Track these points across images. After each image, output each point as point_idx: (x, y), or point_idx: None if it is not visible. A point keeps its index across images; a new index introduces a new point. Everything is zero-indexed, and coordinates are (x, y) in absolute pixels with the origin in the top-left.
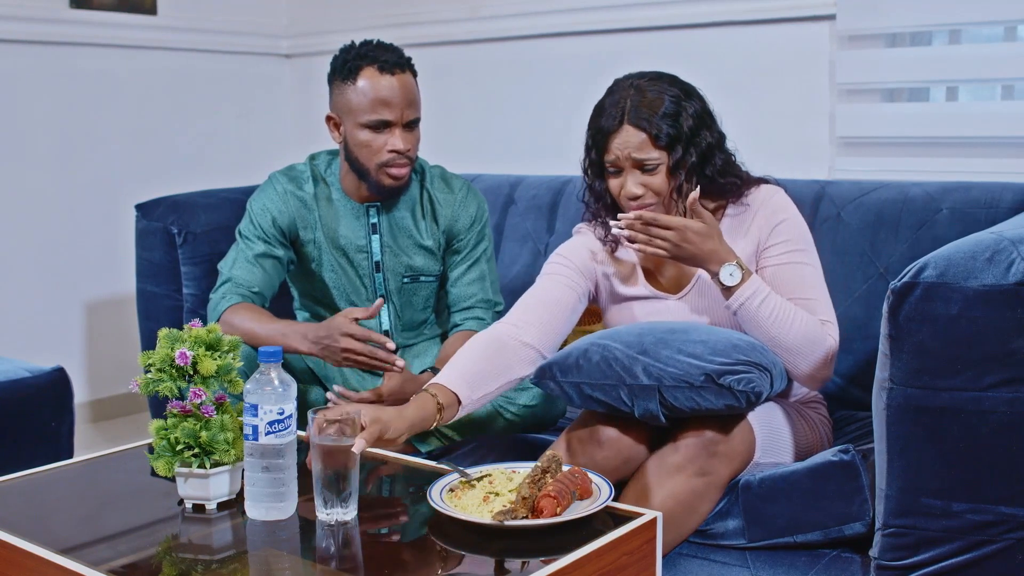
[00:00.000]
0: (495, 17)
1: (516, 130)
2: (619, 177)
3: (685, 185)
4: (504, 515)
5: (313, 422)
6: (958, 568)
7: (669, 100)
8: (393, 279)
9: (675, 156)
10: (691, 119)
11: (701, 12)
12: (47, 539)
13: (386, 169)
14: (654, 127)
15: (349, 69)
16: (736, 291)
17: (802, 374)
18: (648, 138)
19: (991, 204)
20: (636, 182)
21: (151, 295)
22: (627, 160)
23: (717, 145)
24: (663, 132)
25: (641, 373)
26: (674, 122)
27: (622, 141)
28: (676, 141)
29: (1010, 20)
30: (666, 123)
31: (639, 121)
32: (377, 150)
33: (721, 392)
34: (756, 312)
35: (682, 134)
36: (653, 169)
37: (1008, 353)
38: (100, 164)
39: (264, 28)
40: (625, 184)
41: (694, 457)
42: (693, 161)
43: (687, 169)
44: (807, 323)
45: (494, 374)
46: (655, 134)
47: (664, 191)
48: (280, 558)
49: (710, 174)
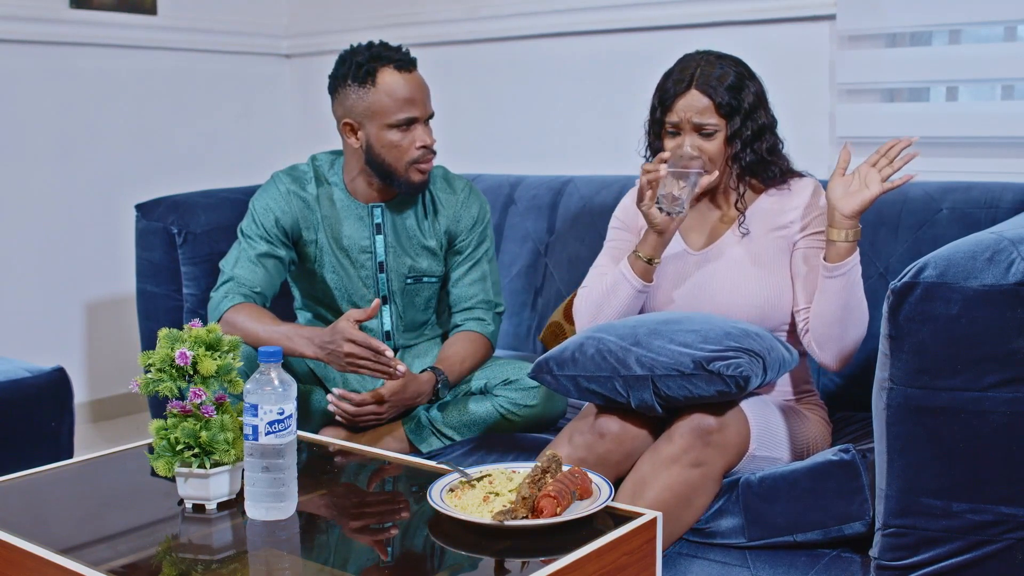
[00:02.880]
0: (495, 17)
1: (516, 130)
2: (678, 138)
3: (739, 154)
4: (504, 515)
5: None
6: (958, 568)
7: (735, 75)
8: (396, 279)
9: (733, 126)
10: (752, 96)
11: (701, 12)
12: (47, 539)
13: (417, 165)
14: (719, 95)
15: (365, 72)
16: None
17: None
18: (712, 104)
19: (991, 204)
20: (693, 144)
21: (151, 295)
22: (688, 123)
23: (769, 127)
24: (725, 101)
25: (634, 364)
26: (737, 95)
27: (687, 103)
28: (735, 112)
29: (1010, 20)
30: (730, 94)
31: (705, 87)
32: (407, 148)
33: (711, 378)
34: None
35: (742, 107)
36: (711, 134)
37: (1008, 353)
38: (100, 164)
39: (264, 28)
40: (683, 144)
41: (689, 447)
42: (748, 135)
43: (742, 140)
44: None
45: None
46: (718, 102)
47: (718, 158)
48: (280, 558)
49: (759, 151)
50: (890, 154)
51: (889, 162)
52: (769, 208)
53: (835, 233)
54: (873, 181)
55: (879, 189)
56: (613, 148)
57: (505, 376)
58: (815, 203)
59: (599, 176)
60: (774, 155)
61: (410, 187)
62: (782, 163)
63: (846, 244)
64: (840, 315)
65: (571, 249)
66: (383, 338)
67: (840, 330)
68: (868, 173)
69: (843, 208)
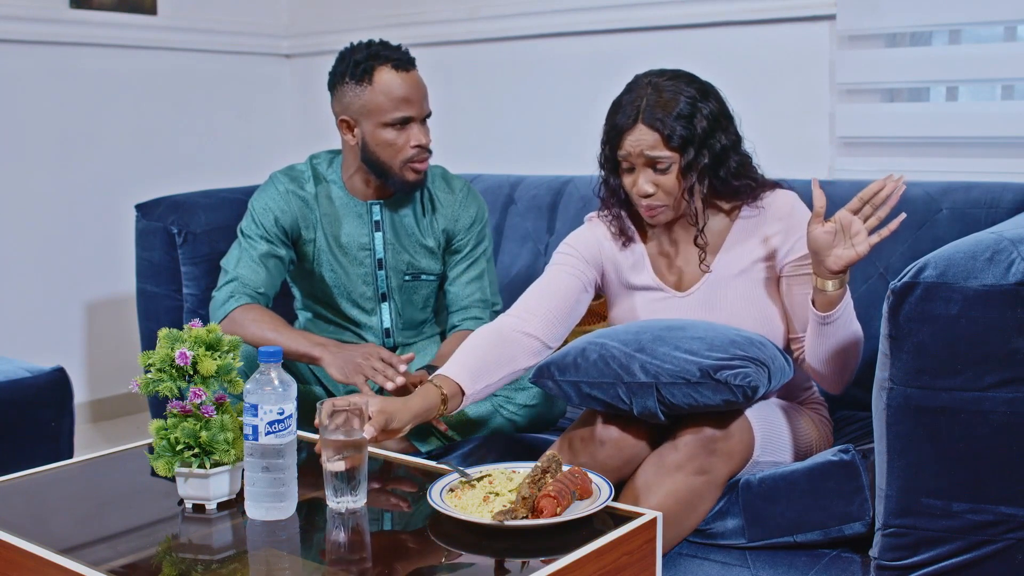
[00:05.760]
0: (495, 17)
1: (516, 130)
2: (632, 174)
3: (696, 186)
4: (504, 515)
5: (321, 412)
6: (958, 568)
7: (685, 101)
8: (395, 276)
9: (687, 157)
10: (705, 120)
11: (701, 12)
12: (47, 539)
13: (411, 164)
14: (667, 128)
15: (363, 71)
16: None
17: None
18: (661, 138)
19: (991, 204)
20: (648, 180)
21: (151, 295)
22: (639, 158)
23: (732, 147)
24: (676, 133)
25: (638, 370)
26: (688, 124)
27: (635, 139)
28: (688, 143)
29: (1010, 20)
30: (680, 124)
31: (653, 121)
32: (401, 147)
33: (718, 387)
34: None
35: (695, 136)
36: (665, 169)
37: (1008, 353)
38: (100, 164)
39: (264, 28)
40: (637, 181)
41: (693, 455)
42: (705, 163)
43: (699, 170)
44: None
45: (497, 365)
46: (668, 134)
47: (675, 191)
48: (280, 558)
49: (723, 175)
50: (875, 201)
51: (874, 210)
52: (746, 238)
53: (822, 283)
54: (860, 240)
55: (866, 249)
56: None
57: None
58: (794, 224)
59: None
60: (741, 176)
61: (404, 186)
62: (753, 179)
63: (836, 292)
64: (835, 354)
65: None
66: (382, 336)
67: (837, 366)
68: (851, 224)
69: (830, 265)
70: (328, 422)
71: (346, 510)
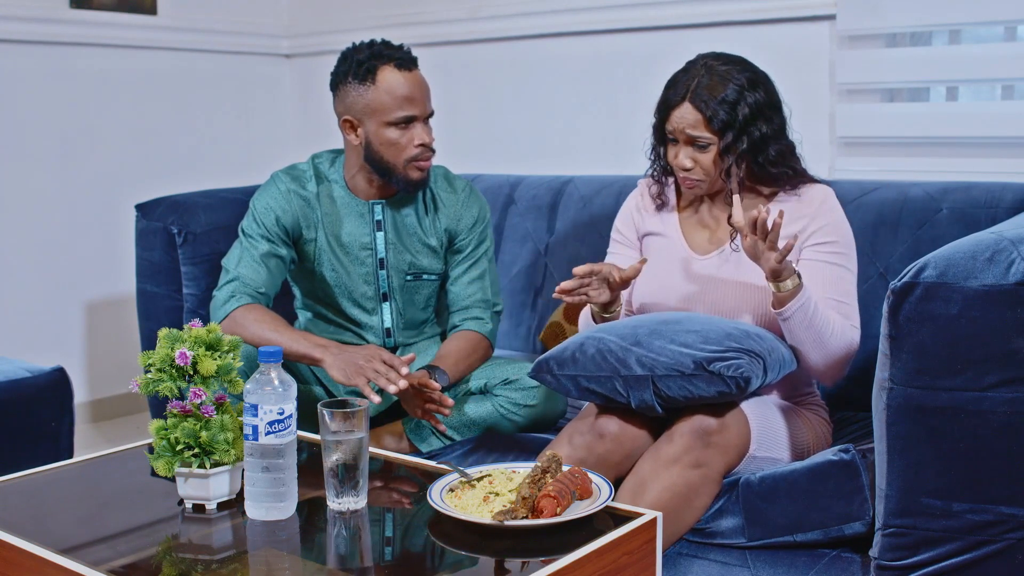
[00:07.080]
0: (495, 17)
1: (516, 130)
2: (676, 146)
3: (733, 168)
4: (504, 515)
5: (322, 413)
6: (958, 568)
7: (733, 87)
8: (396, 276)
9: (725, 140)
10: (748, 108)
11: (701, 12)
12: (47, 539)
13: (415, 163)
14: (710, 110)
15: (366, 70)
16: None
17: (820, 369)
18: (703, 119)
19: (991, 204)
20: (688, 156)
21: (151, 295)
22: (682, 134)
23: (773, 136)
24: (718, 116)
25: (635, 364)
26: (731, 109)
27: (680, 116)
28: (729, 127)
29: (1010, 20)
30: (723, 109)
31: (699, 102)
32: (405, 146)
33: (712, 379)
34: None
35: (736, 121)
36: (704, 147)
37: (1008, 353)
38: (100, 164)
39: (264, 28)
40: (679, 155)
41: (689, 448)
42: (743, 148)
43: (736, 154)
44: (841, 327)
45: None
46: (710, 116)
47: (712, 170)
48: (280, 558)
49: (761, 161)
50: (759, 231)
51: (763, 235)
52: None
53: (771, 285)
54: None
55: (777, 254)
56: (613, 148)
57: (505, 376)
58: (824, 211)
59: (599, 176)
60: (780, 163)
61: (408, 185)
62: (792, 168)
63: (783, 294)
64: (809, 348)
65: (571, 249)
66: (383, 336)
67: (815, 360)
68: (755, 246)
69: (763, 270)
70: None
71: (347, 510)
